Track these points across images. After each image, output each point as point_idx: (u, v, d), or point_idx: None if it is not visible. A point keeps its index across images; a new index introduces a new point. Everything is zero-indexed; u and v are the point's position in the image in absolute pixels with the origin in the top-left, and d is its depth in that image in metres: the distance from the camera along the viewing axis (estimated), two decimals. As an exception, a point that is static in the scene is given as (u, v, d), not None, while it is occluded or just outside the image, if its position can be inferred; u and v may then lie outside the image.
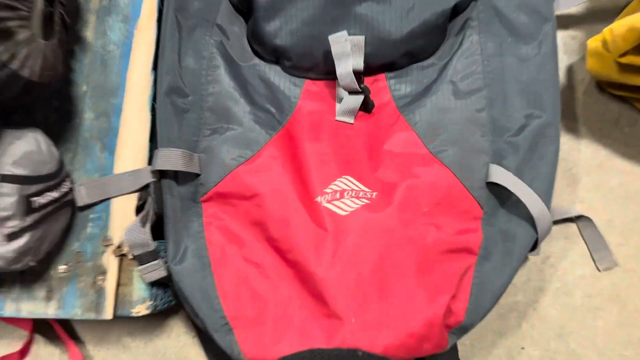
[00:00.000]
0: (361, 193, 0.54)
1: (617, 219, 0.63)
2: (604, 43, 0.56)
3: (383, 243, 0.51)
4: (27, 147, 0.45)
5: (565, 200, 0.64)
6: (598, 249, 0.63)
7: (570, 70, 0.66)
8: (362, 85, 0.57)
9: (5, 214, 0.43)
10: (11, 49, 0.41)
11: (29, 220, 0.45)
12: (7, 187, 0.43)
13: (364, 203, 0.54)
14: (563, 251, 0.63)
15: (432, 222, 0.53)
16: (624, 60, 0.55)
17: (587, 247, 0.63)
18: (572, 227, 0.64)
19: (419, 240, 0.52)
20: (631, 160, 0.63)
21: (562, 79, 0.66)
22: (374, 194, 0.54)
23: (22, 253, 0.45)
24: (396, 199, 0.53)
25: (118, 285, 0.53)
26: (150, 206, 0.52)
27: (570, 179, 0.64)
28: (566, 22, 0.66)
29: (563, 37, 0.66)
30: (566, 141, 0.64)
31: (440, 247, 0.53)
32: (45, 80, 0.44)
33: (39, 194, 0.45)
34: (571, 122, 0.65)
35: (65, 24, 0.48)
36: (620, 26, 0.53)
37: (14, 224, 0.43)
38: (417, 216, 0.53)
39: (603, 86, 0.64)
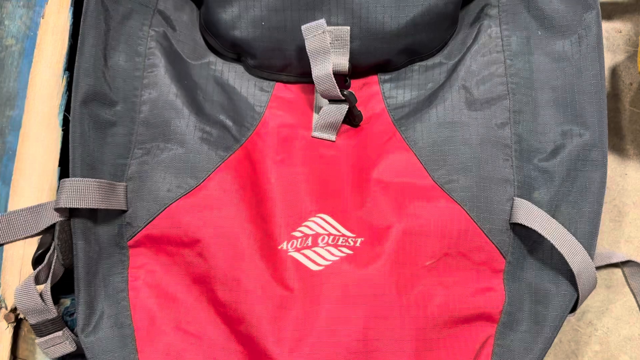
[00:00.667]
0: (341, 239, 0.40)
1: (676, 265, 0.49)
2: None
3: (369, 312, 0.37)
4: None
5: (608, 240, 0.50)
6: (650, 302, 0.49)
7: (614, 72, 0.52)
8: (345, 92, 0.43)
9: None
10: None
11: None
12: None
13: (344, 254, 0.40)
14: (604, 305, 0.50)
15: (438, 280, 0.40)
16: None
17: (636, 300, 0.49)
18: (617, 273, 0.50)
19: (420, 307, 0.38)
20: (694, 189, 0.49)
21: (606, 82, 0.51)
22: (359, 240, 0.40)
23: None
24: (388, 249, 0.39)
25: None
26: (53, 256, 0.39)
27: (615, 212, 0.50)
28: (610, 11, 0.52)
29: (606, 30, 0.52)
30: (610, 162, 0.50)
31: (448, 315, 0.39)
32: None
33: None
34: (615, 139, 0.51)
35: None
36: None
37: None
38: (417, 272, 0.39)
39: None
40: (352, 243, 0.40)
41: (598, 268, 0.49)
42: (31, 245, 0.39)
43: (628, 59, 0.52)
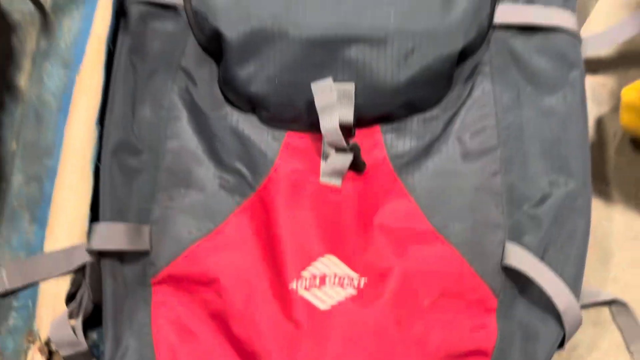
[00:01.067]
0: (346, 280, 0.44)
1: (659, 304, 0.52)
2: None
3: (373, 349, 0.41)
4: None
5: (596, 280, 0.53)
6: (635, 338, 0.52)
7: (599, 123, 0.56)
8: (351, 143, 0.47)
9: None
10: None
11: None
12: None
13: (350, 294, 0.43)
14: (593, 341, 0.53)
15: (436, 318, 0.43)
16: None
17: (623, 336, 0.52)
18: (604, 311, 0.53)
19: (419, 344, 0.42)
20: (674, 232, 0.53)
21: (590, 134, 0.55)
22: (363, 280, 0.44)
23: None
24: (389, 289, 0.43)
25: (46, 389, 0.43)
26: (84, 293, 0.43)
27: (601, 253, 0.53)
28: (595, 66, 0.56)
29: (591, 84, 0.56)
30: (595, 208, 0.53)
31: (445, 351, 0.42)
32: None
33: None
34: (601, 185, 0.55)
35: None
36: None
37: None
38: (416, 311, 0.43)
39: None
40: (356, 283, 0.44)
41: (586, 306, 0.52)
42: (64, 282, 0.43)
43: (612, 111, 0.56)
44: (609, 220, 0.54)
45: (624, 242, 0.54)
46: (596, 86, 0.57)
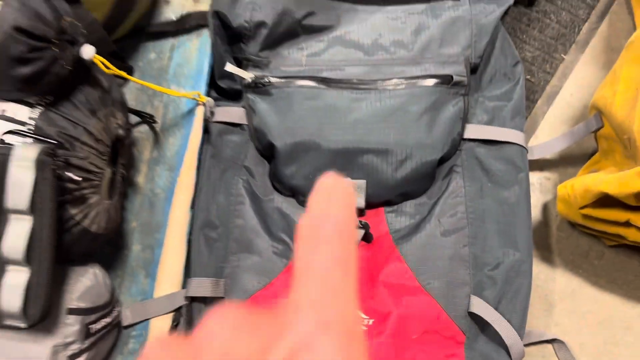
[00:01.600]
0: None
1: (589, 343, 0.71)
2: (567, 195, 0.66)
3: (377, 369, 0.60)
4: (89, 283, 0.56)
5: (542, 324, 0.72)
6: (573, 368, 0.70)
7: (545, 207, 0.76)
8: (363, 222, 0.67)
9: (69, 340, 0.53)
10: (84, 211, 0.53)
11: (87, 343, 0.55)
12: (72, 319, 0.53)
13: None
14: (541, 369, 0.71)
15: (421, 348, 0.62)
16: (584, 212, 0.65)
17: (563, 367, 0.71)
18: (549, 347, 0.71)
19: (409, 366, 0.61)
20: (600, 290, 0.72)
21: (538, 215, 0.76)
22: (371, 321, 0.64)
23: (78, 370, 0.55)
24: (389, 327, 0.62)
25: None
26: (181, 327, 0.63)
27: (547, 304, 0.72)
28: (542, 165, 0.77)
29: (539, 179, 0.77)
30: (543, 270, 0.73)
31: (427, 371, 0.61)
32: (108, 232, 0.56)
33: (96, 321, 0.56)
34: (547, 253, 0.74)
35: (124, 180, 0.60)
36: (579, 184, 0.64)
37: (75, 347, 0.54)
38: (407, 343, 0.62)
39: (574, 223, 0.74)
40: (366, 322, 0.64)
41: (534, 343, 0.71)
42: (168, 318, 0.63)
43: (554, 199, 0.76)
44: (552, 280, 0.73)
45: (564, 296, 0.73)
46: (543, 180, 0.77)
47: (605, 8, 0.82)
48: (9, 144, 0.49)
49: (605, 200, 0.61)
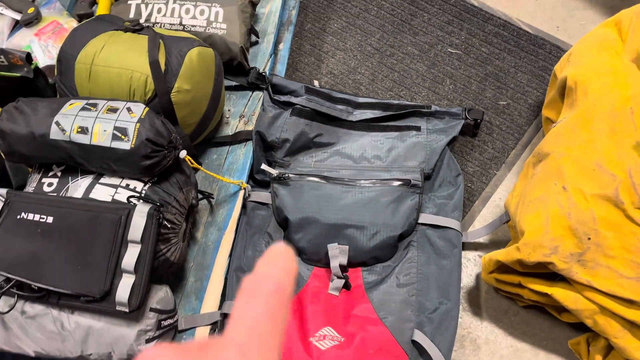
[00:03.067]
0: (335, 338, 0.94)
1: (504, 376, 0.97)
2: (485, 264, 0.97)
3: (344, 370, 0.89)
4: (163, 294, 0.89)
5: (470, 359, 0.99)
6: (493, 395, 0.96)
7: (477, 276, 1.06)
8: (344, 274, 0.99)
9: (148, 328, 0.85)
10: (168, 247, 0.87)
11: (157, 333, 0.86)
12: (152, 314, 0.85)
13: (336, 343, 0.93)
14: (469, 394, 0.97)
15: (374, 359, 0.91)
16: (493, 276, 0.95)
17: (486, 393, 0.97)
18: (476, 378, 0.98)
19: (365, 370, 0.90)
20: (515, 338, 1.00)
21: (472, 282, 1.06)
22: (343, 339, 0.93)
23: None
24: (355, 343, 0.92)
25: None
26: (216, 334, 0.93)
27: (475, 346, 1.00)
28: (477, 247, 1.08)
29: (474, 256, 1.08)
30: (473, 321, 1.02)
31: (378, 377, 0.90)
32: (178, 263, 0.89)
33: (165, 319, 0.87)
34: (477, 309, 1.03)
35: (190, 233, 0.95)
36: (489, 256, 0.95)
37: (150, 334, 0.85)
38: (366, 355, 0.91)
39: (495, 287, 1.04)
40: (339, 340, 0.93)
41: (465, 373, 0.98)
42: (206, 330, 0.94)
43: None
44: (480, 329, 1.01)
45: (488, 341, 1.00)
46: (477, 257, 1.08)
47: (528, 140, 1.18)
48: (132, 202, 0.85)
49: (503, 267, 0.92)
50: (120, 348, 0.84)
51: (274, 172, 1.06)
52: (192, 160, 0.91)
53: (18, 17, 1.20)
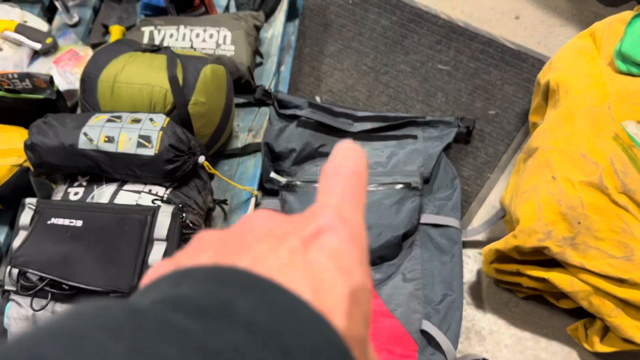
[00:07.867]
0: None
1: (509, 363, 1.02)
2: (485, 255, 1.04)
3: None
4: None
5: (476, 350, 1.04)
6: (499, 382, 1.01)
7: (478, 272, 1.13)
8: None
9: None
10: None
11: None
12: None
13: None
14: (477, 382, 1.02)
15: (387, 348, 0.96)
16: (494, 266, 1.02)
17: (492, 380, 1.02)
18: (482, 367, 1.03)
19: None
20: (518, 328, 1.05)
21: (474, 277, 1.12)
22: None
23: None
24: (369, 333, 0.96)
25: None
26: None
27: (480, 337, 1.05)
28: (476, 244, 1.15)
29: (474, 253, 1.15)
30: (477, 314, 1.07)
31: (390, 364, 0.94)
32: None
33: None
34: (480, 302, 1.09)
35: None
36: (489, 247, 1.02)
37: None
38: (380, 343, 0.96)
39: (497, 282, 1.10)
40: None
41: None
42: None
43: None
44: (483, 320, 1.07)
45: (492, 332, 1.06)
46: (477, 254, 1.15)
47: (517, 145, 1.26)
48: (156, 204, 0.91)
49: (502, 257, 0.98)
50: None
51: (283, 180, 1.13)
52: (210, 166, 0.97)
53: (37, 47, 1.28)
